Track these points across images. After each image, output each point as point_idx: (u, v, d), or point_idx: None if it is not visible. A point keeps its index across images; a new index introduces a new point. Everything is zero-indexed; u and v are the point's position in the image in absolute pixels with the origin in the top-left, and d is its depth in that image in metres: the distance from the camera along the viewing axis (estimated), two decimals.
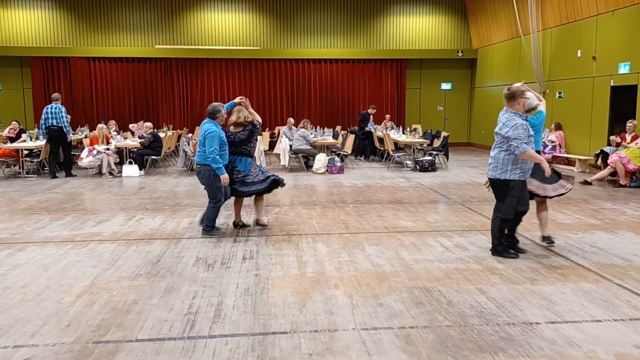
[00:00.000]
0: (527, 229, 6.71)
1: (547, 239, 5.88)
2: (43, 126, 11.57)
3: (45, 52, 17.70)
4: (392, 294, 4.42)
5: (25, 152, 11.82)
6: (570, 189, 5.76)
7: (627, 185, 9.89)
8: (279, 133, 15.46)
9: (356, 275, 4.91)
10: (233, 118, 6.53)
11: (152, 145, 12.25)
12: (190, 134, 14.81)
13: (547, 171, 5.22)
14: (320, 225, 6.96)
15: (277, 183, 6.64)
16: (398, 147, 13.86)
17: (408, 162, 13.25)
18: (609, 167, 10.19)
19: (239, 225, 6.81)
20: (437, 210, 8.04)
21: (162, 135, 13.53)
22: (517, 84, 5.52)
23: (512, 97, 5.23)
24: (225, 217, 7.35)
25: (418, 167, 12.47)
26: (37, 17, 17.78)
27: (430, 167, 12.42)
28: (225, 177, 6.17)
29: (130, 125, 14.95)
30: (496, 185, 5.35)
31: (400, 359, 3.31)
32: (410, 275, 4.93)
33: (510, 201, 5.27)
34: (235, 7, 18.48)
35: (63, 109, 11.52)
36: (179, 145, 14.24)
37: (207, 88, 18.77)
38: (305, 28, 18.77)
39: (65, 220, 7.25)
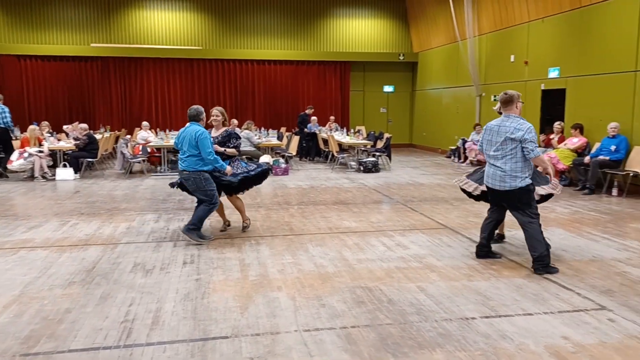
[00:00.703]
0: (465, 227, 6.94)
1: (502, 237, 6.14)
2: None
3: None
4: (335, 295, 4.45)
5: None
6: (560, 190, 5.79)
7: None
8: None
9: (299, 277, 4.91)
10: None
11: (88, 147, 11.79)
12: (128, 136, 14.35)
13: (552, 176, 5.33)
14: (264, 228, 6.92)
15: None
16: (342, 148, 13.99)
17: (352, 163, 13.40)
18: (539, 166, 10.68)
19: (228, 225, 6.82)
20: (380, 210, 8.17)
21: (98, 136, 13.04)
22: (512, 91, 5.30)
23: (510, 101, 5.08)
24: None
25: (362, 168, 12.63)
26: None
27: (374, 168, 12.62)
28: (229, 169, 6.17)
29: (65, 127, 14.32)
30: (518, 195, 5.01)
31: (342, 358, 3.33)
32: (353, 275, 4.98)
33: (534, 203, 5.11)
34: (176, 5, 18.09)
35: (7, 109, 11.42)
36: (116, 147, 13.76)
37: (147, 88, 18.26)
38: (248, 28, 18.63)
39: None
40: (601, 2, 10.41)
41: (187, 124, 6.09)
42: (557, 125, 11.18)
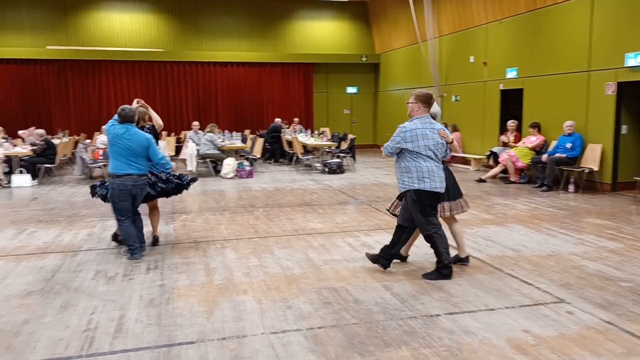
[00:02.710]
0: None
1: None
2: None
3: None
4: (301, 296, 4.45)
5: None
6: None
7: (517, 181, 10.71)
8: (185, 138, 15.04)
9: (265, 280, 4.89)
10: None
11: (46, 152, 11.44)
12: (88, 140, 13.99)
13: None
14: (229, 231, 6.85)
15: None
16: (307, 150, 14.00)
17: (317, 164, 13.43)
18: (500, 165, 10.97)
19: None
20: (345, 211, 8.21)
21: (56, 141, 12.68)
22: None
23: (430, 101, 4.84)
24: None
25: (326, 170, 12.67)
26: None
27: (338, 169, 12.68)
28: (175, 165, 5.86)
29: (20, 132, 13.84)
30: None
31: (309, 359, 3.34)
32: (319, 276, 4.99)
33: None
34: (135, 7, 17.74)
35: None
36: (75, 152, 13.39)
37: (106, 92, 17.83)
38: (211, 30, 18.43)
39: None
40: (554, 5, 10.76)
41: (121, 125, 5.46)
42: (510, 123, 11.51)
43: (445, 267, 4.85)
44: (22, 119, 16.96)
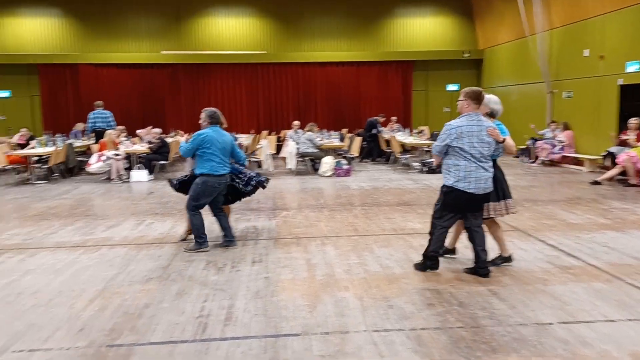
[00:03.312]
0: (538, 229, 6.68)
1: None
2: (90, 129, 14.11)
3: (53, 60, 17.82)
4: (403, 296, 4.42)
5: (35, 158, 11.90)
6: None
7: (638, 184, 9.83)
8: (285, 137, 15.47)
9: (366, 278, 4.91)
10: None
11: (160, 150, 12.31)
12: None
13: None
14: (329, 228, 6.96)
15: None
16: (405, 149, 13.84)
17: (415, 164, 13.22)
18: (618, 166, 10.13)
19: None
20: None
21: (169, 140, 13.59)
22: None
23: (482, 99, 4.80)
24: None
25: (425, 169, 12.43)
26: (44, 25, 17.91)
27: (438, 169, 12.34)
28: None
29: (138, 131, 15.00)
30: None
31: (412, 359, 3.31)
32: (420, 277, 4.92)
33: None
34: (241, 11, 18.55)
35: (111, 114, 14.35)
36: None
37: (215, 93, 18.83)
38: (310, 31, 18.80)
39: (75, 226, 7.29)
40: None
41: (211, 128, 5.86)
42: (632, 121, 10.55)
43: (429, 258, 5.00)
44: (141, 119, 18.38)
